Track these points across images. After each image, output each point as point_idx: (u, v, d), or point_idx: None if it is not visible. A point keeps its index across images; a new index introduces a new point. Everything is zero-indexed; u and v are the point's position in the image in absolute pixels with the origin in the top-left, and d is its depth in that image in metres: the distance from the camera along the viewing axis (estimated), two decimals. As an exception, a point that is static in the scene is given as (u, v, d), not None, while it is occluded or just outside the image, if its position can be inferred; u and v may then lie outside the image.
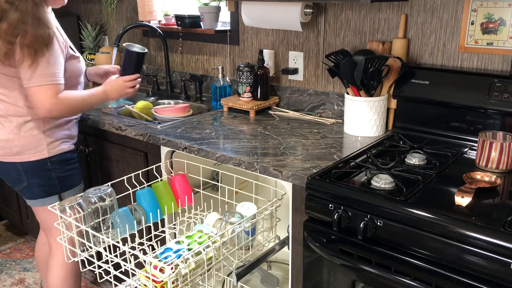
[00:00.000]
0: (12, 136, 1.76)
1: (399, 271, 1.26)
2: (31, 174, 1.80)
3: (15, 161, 1.78)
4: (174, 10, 2.76)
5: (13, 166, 1.79)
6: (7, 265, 2.75)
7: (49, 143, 1.81)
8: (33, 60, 1.62)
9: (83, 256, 1.54)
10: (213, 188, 1.99)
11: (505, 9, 1.63)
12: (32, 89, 1.65)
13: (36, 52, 1.62)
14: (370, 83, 1.77)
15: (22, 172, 1.80)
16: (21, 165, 1.79)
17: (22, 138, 1.76)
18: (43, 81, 1.65)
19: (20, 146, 1.77)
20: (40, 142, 1.79)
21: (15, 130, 1.76)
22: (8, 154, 1.78)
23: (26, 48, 1.60)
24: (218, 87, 2.33)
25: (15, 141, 1.76)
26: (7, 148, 1.77)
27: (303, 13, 1.96)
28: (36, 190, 1.83)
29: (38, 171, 1.80)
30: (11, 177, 1.83)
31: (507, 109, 1.59)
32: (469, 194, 1.29)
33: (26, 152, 1.78)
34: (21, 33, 1.60)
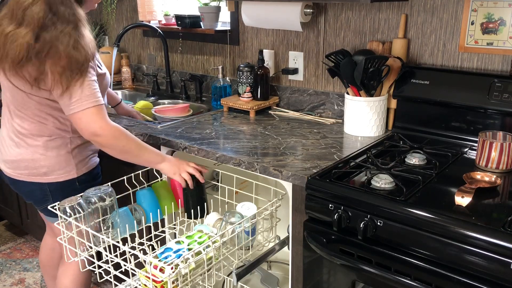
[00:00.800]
0: (38, 156, 1.65)
1: (399, 271, 1.26)
2: (57, 194, 1.70)
3: (42, 181, 1.69)
4: (174, 10, 2.76)
5: (39, 187, 1.70)
6: (7, 265, 2.75)
7: (78, 162, 1.72)
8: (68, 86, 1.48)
9: (83, 256, 1.54)
10: (213, 188, 1.99)
11: (505, 9, 1.63)
12: (76, 115, 1.51)
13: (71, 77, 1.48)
14: (370, 83, 1.77)
15: (48, 193, 1.71)
16: (48, 185, 1.69)
17: (49, 158, 1.66)
18: (86, 105, 1.50)
19: (47, 167, 1.67)
20: (68, 162, 1.69)
21: (40, 150, 1.65)
22: (33, 174, 1.68)
23: (57, 74, 1.47)
24: (218, 87, 2.33)
25: (42, 161, 1.66)
26: (33, 169, 1.67)
27: (303, 13, 1.96)
28: None
29: (66, 191, 1.69)
30: (34, 196, 1.74)
31: (507, 109, 1.59)
32: (469, 194, 1.29)
33: (53, 173, 1.68)
34: (54, 56, 1.46)
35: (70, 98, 1.50)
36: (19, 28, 1.45)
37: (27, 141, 1.66)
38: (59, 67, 1.46)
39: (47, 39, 1.45)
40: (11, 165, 1.70)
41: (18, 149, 1.67)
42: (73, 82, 1.49)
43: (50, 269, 2.07)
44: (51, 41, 1.45)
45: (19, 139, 1.67)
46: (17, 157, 1.67)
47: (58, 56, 1.46)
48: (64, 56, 1.46)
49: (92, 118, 1.51)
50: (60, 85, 1.48)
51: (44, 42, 1.45)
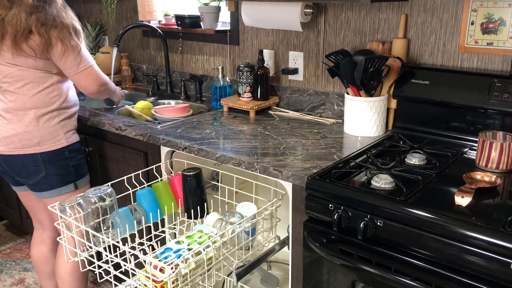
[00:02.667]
0: (31, 127, 1.80)
1: (399, 271, 1.26)
2: (49, 164, 1.85)
3: (35, 152, 1.82)
4: (174, 10, 2.76)
5: (32, 158, 1.83)
6: (7, 265, 2.75)
7: (65, 132, 1.88)
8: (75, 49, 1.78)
9: (83, 256, 1.54)
10: (213, 188, 1.99)
11: (505, 9, 1.63)
12: (82, 73, 1.83)
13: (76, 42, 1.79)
14: (370, 83, 1.77)
15: (41, 163, 1.84)
16: (40, 155, 1.83)
17: (42, 129, 1.81)
18: (87, 64, 1.84)
19: (40, 137, 1.81)
20: (57, 132, 1.85)
21: (33, 122, 1.80)
22: (27, 146, 1.81)
23: (67, 40, 1.75)
24: (218, 87, 2.33)
25: (34, 132, 1.81)
26: (27, 140, 1.81)
27: (303, 13, 1.96)
28: (54, 179, 1.87)
29: (57, 161, 1.86)
30: (27, 169, 1.85)
31: (507, 109, 1.59)
32: (469, 194, 1.29)
33: (46, 143, 1.83)
34: (60, 26, 1.74)
35: (77, 58, 1.80)
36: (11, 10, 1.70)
37: (20, 114, 1.80)
38: (67, 34, 1.75)
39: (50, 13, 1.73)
40: (4, 142, 1.82)
41: (11, 125, 1.81)
42: (79, 45, 1.80)
43: (42, 265, 2.11)
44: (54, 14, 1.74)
45: (11, 115, 1.81)
46: (10, 132, 1.81)
47: (63, 26, 1.75)
48: (69, 25, 1.77)
49: (95, 73, 1.89)
50: (72, 48, 1.77)
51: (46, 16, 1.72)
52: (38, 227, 2.12)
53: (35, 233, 2.14)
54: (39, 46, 1.72)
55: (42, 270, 2.13)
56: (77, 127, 1.98)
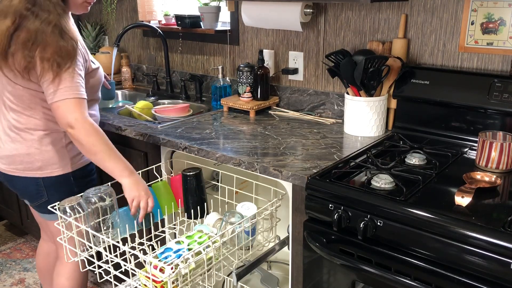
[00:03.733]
0: (33, 150, 1.66)
1: (399, 271, 1.26)
2: (52, 189, 1.71)
3: (36, 176, 1.68)
4: (174, 10, 2.76)
5: (33, 182, 1.69)
6: (7, 265, 2.75)
7: (73, 156, 1.72)
8: (55, 75, 1.51)
9: (83, 256, 1.54)
10: (213, 188, 1.99)
11: (505, 9, 1.63)
12: (55, 104, 1.52)
13: (59, 66, 1.51)
14: (370, 83, 1.77)
15: (42, 188, 1.70)
16: (42, 180, 1.69)
17: (44, 153, 1.67)
18: (64, 95, 1.51)
19: (42, 161, 1.67)
20: (63, 157, 1.69)
21: (36, 144, 1.66)
22: (28, 169, 1.68)
23: (46, 62, 1.50)
24: (218, 87, 2.33)
25: (37, 156, 1.66)
26: (28, 163, 1.67)
27: (303, 13, 1.96)
28: None
29: (60, 187, 1.71)
30: (29, 192, 1.73)
31: (507, 109, 1.59)
32: (469, 194, 1.29)
33: (48, 167, 1.68)
34: (41, 44, 1.49)
35: (55, 87, 1.51)
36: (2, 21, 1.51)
37: (23, 135, 1.66)
38: (48, 54, 1.49)
39: (32, 28, 1.49)
40: (6, 161, 1.70)
41: (14, 144, 1.67)
42: (63, 71, 1.51)
43: (47, 274, 2.06)
44: (36, 30, 1.49)
45: (14, 134, 1.67)
46: (12, 152, 1.67)
47: (45, 44, 1.49)
48: (52, 44, 1.50)
49: (70, 108, 1.52)
50: (51, 72, 1.50)
51: (28, 31, 1.49)
52: (45, 238, 2.04)
53: (42, 242, 2.07)
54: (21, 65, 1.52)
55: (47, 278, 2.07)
56: None
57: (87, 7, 1.71)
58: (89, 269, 1.55)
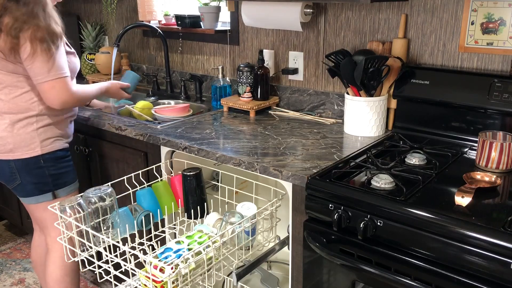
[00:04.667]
0: (6, 133, 1.75)
1: (399, 271, 1.26)
2: (24, 171, 1.79)
3: (9, 158, 1.77)
4: (174, 10, 2.76)
5: (7, 164, 1.79)
6: (7, 265, 2.75)
7: (42, 140, 1.80)
8: (48, 55, 1.64)
9: (83, 256, 1.54)
10: (213, 188, 1.99)
11: (505, 9, 1.63)
12: (48, 83, 1.68)
13: (50, 47, 1.64)
14: (370, 83, 1.77)
15: (15, 170, 1.79)
16: (14, 162, 1.78)
17: (15, 136, 1.76)
18: (57, 75, 1.68)
19: (13, 144, 1.76)
20: (33, 140, 1.78)
21: (8, 128, 1.75)
22: (1, 151, 1.77)
23: (39, 43, 1.62)
24: (218, 87, 2.33)
25: (8, 139, 1.75)
26: (1, 146, 1.76)
27: (303, 13, 1.96)
28: (29, 187, 1.82)
29: (31, 169, 1.80)
30: (4, 175, 1.82)
31: (507, 109, 1.59)
32: (469, 194, 1.29)
33: (19, 150, 1.77)
34: (32, 27, 1.61)
35: (49, 67, 1.66)
36: None
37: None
38: (39, 36, 1.62)
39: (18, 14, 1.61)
40: None
41: None
42: (53, 52, 1.66)
43: (41, 267, 2.10)
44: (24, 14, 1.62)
45: None
46: None
47: (37, 27, 1.62)
48: (43, 27, 1.63)
49: (64, 87, 1.71)
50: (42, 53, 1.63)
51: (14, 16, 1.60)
52: (37, 229, 2.11)
53: (34, 234, 2.14)
54: (6, 46, 1.63)
55: (41, 271, 2.13)
56: (68, 134, 1.92)
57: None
58: (89, 269, 1.55)
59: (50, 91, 1.69)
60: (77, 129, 1.98)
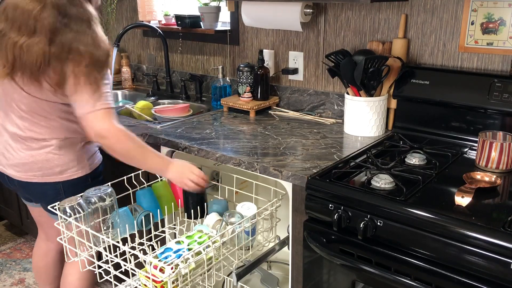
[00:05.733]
0: (52, 156, 1.64)
1: (399, 271, 1.26)
2: (70, 191, 1.67)
3: (56, 180, 1.67)
4: (174, 10, 2.76)
5: (53, 186, 1.68)
6: (7, 265, 2.75)
7: (89, 157, 1.73)
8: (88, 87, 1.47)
9: (83, 256, 1.54)
10: (213, 188, 1.98)
11: (505, 9, 1.63)
12: (87, 116, 1.50)
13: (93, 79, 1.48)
14: (370, 83, 1.77)
15: (61, 191, 1.69)
16: (62, 184, 1.68)
17: (63, 157, 1.66)
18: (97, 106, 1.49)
19: (62, 166, 1.66)
20: (81, 159, 1.70)
21: (54, 150, 1.64)
22: (48, 174, 1.66)
23: (81, 75, 1.46)
24: (218, 87, 2.33)
25: (56, 161, 1.65)
26: (47, 169, 1.65)
27: (303, 13, 1.96)
28: None
29: (79, 188, 1.67)
30: (47, 196, 1.70)
31: (507, 109, 1.59)
32: (469, 194, 1.29)
33: (68, 171, 1.67)
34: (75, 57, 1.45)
35: (86, 99, 1.48)
36: (32, 38, 1.43)
37: (40, 143, 1.64)
38: (83, 67, 1.45)
39: (65, 41, 1.44)
40: (22, 168, 1.66)
41: (29, 151, 1.64)
42: (95, 82, 1.48)
43: (44, 275, 2.04)
44: (70, 42, 1.44)
45: (29, 142, 1.64)
46: (29, 159, 1.64)
47: (80, 56, 1.44)
48: (86, 55, 1.45)
49: (101, 119, 1.50)
50: (89, 85, 1.47)
51: (62, 45, 1.44)
52: (43, 237, 2.03)
53: (39, 241, 2.05)
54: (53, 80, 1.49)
55: (43, 278, 2.08)
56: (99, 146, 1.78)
57: None
58: (89, 269, 1.55)
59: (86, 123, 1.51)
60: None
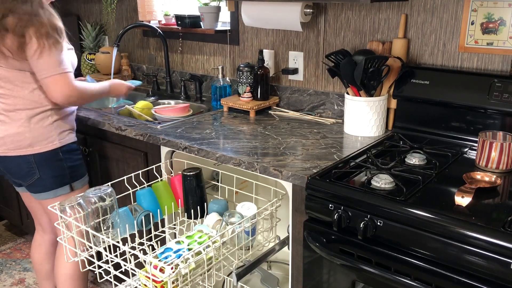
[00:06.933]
0: (23, 128, 1.76)
1: (399, 271, 1.26)
2: (43, 165, 1.81)
3: (28, 153, 1.78)
4: (174, 10, 2.76)
5: (25, 159, 1.79)
6: (7, 265, 2.75)
7: (59, 133, 1.83)
8: (51, 50, 1.67)
9: (83, 256, 1.54)
10: (213, 188, 1.99)
11: (505, 9, 1.63)
12: (51, 78, 1.70)
13: (54, 42, 1.68)
14: (370, 83, 1.77)
15: (34, 165, 1.80)
16: (33, 157, 1.79)
17: (33, 130, 1.77)
18: (60, 70, 1.71)
19: (32, 138, 1.77)
20: (51, 133, 1.81)
21: (25, 123, 1.76)
22: (19, 147, 1.77)
23: (46, 39, 1.65)
24: (218, 87, 2.33)
25: (26, 134, 1.77)
26: (18, 141, 1.77)
27: (303, 13, 1.96)
28: (48, 181, 1.83)
29: (51, 162, 1.82)
30: (21, 171, 1.82)
31: (507, 109, 1.59)
32: (469, 194, 1.29)
33: (38, 144, 1.79)
34: (36, 24, 1.64)
35: (51, 62, 1.68)
36: None
37: (11, 116, 1.77)
38: (44, 32, 1.66)
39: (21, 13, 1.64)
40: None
41: (4, 126, 1.77)
42: (57, 47, 1.69)
43: (40, 266, 2.13)
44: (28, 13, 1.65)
45: (3, 116, 1.77)
46: (3, 133, 1.77)
47: (41, 23, 1.66)
48: (46, 23, 1.67)
49: (66, 81, 1.73)
50: (46, 48, 1.66)
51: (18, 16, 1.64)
52: (39, 229, 2.12)
53: (36, 234, 2.14)
54: (13, 45, 1.66)
55: (40, 270, 2.14)
56: (75, 127, 1.95)
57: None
58: (89, 269, 1.55)
59: (52, 85, 1.72)
60: (77, 129, 1.98)
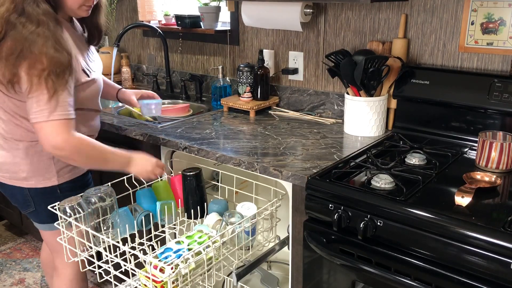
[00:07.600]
0: (19, 160, 1.60)
1: (399, 271, 1.26)
2: (39, 200, 1.65)
3: (22, 186, 1.63)
4: (174, 10, 2.76)
5: (20, 191, 1.65)
6: (7, 265, 2.75)
7: (60, 169, 1.64)
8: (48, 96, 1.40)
9: (83, 256, 1.54)
10: (213, 188, 1.99)
11: (505, 9, 1.63)
12: (37, 125, 1.43)
13: (50, 83, 1.39)
14: (370, 83, 1.77)
15: (29, 198, 1.66)
16: (28, 190, 1.64)
17: (30, 164, 1.60)
18: (52, 116, 1.41)
19: (27, 172, 1.61)
20: (49, 169, 1.62)
21: (21, 154, 1.59)
22: (14, 178, 1.63)
23: (35, 77, 1.38)
24: (218, 87, 2.33)
25: (22, 166, 1.60)
26: (13, 172, 1.62)
27: (303, 13, 1.96)
28: (43, 215, 1.68)
29: (47, 198, 1.64)
30: (17, 200, 1.70)
31: (507, 109, 1.59)
32: (469, 194, 1.29)
33: (33, 179, 1.62)
34: (29, 58, 1.38)
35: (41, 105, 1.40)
36: None
37: (10, 144, 1.60)
38: (38, 70, 1.38)
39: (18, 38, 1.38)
40: None
41: (2, 151, 1.62)
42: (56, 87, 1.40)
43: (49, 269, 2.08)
44: (22, 41, 1.38)
45: (2, 141, 1.62)
46: (1, 159, 1.63)
47: (34, 58, 1.37)
48: (43, 57, 1.38)
49: (56, 131, 1.42)
50: (45, 91, 1.39)
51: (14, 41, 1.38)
52: None
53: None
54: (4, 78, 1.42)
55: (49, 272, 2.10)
56: None
57: (87, 10, 1.58)
58: (89, 269, 1.55)
59: (39, 133, 1.44)
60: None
